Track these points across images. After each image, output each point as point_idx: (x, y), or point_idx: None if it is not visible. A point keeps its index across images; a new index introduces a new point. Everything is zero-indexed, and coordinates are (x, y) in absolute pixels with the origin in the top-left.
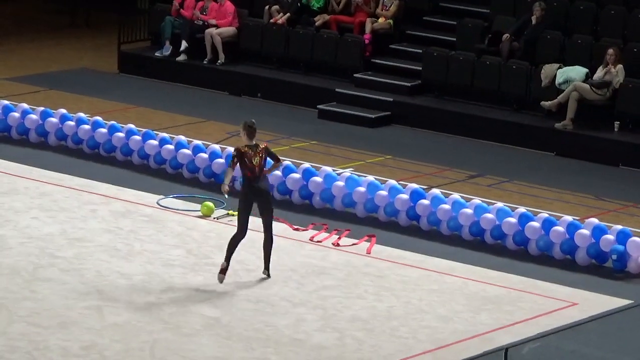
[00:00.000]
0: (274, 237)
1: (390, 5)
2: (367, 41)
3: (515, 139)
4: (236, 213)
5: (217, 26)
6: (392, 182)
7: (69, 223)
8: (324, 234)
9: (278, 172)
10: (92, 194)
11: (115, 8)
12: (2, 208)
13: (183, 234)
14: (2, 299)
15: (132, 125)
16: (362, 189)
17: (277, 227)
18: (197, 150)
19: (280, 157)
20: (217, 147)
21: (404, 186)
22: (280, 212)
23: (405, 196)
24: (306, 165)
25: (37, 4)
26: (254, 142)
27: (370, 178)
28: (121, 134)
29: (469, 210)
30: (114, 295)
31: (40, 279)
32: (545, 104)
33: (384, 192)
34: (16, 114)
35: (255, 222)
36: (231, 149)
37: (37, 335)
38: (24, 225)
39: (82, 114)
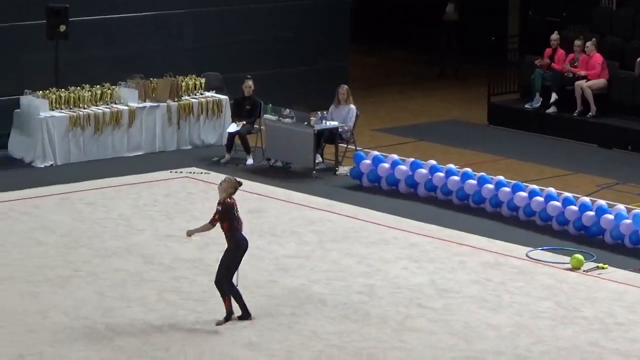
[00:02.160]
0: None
1: None
2: None
3: None
4: (606, 266)
5: (587, 78)
6: None
7: (437, 274)
8: None
9: None
10: (461, 245)
11: (485, 60)
12: (372, 258)
13: (552, 287)
14: (372, 349)
15: (501, 177)
16: None
17: None
18: (566, 202)
19: None
20: (587, 199)
21: None
22: None
23: None
24: None
25: (406, 56)
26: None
27: None
28: (490, 186)
29: None
30: (482, 347)
31: (409, 329)
32: None
33: None
34: (386, 165)
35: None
36: (602, 202)
37: None
38: (394, 275)
39: (451, 165)
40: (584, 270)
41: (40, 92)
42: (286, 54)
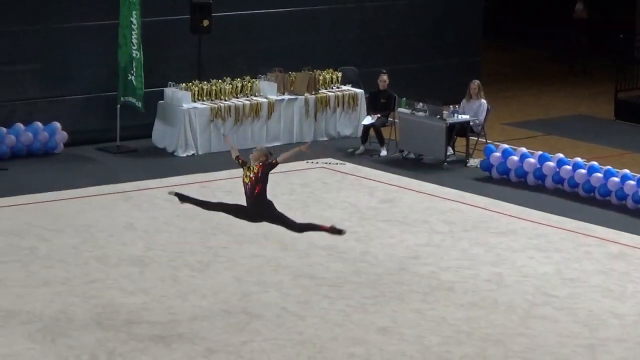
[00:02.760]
0: (299, 225)
1: None
2: None
3: None
4: None
5: None
6: None
7: (563, 264)
8: None
9: None
10: (587, 237)
11: (614, 57)
12: (500, 247)
13: None
14: (499, 335)
15: (627, 171)
16: None
17: None
18: None
19: None
20: None
21: None
22: None
23: None
24: None
25: (537, 53)
26: (254, 164)
27: None
28: (616, 179)
29: None
30: (605, 335)
31: (535, 316)
32: None
33: None
34: (515, 158)
35: None
36: None
37: None
38: (521, 265)
39: (578, 159)
40: None
41: (184, 84)
42: (420, 50)
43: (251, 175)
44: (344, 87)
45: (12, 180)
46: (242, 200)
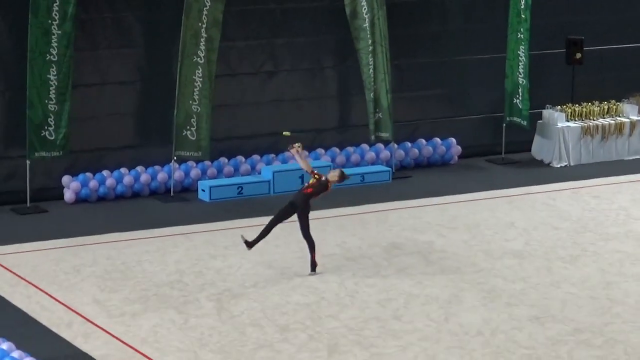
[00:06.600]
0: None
1: None
2: None
3: None
4: None
5: None
6: None
7: None
8: None
9: None
10: None
11: None
12: None
13: None
14: None
15: None
16: None
17: None
18: None
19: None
20: None
21: None
22: None
23: None
24: None
25: None
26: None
27: None
28: None
29: None
30: None
31: None
32: None
33: None
34: None
35: None
36: None
37: None
38: None
39: None
40: None
41: (559, 106)
42: None
43: (313, 181)
44: None
45: (415, 187)
46: None
